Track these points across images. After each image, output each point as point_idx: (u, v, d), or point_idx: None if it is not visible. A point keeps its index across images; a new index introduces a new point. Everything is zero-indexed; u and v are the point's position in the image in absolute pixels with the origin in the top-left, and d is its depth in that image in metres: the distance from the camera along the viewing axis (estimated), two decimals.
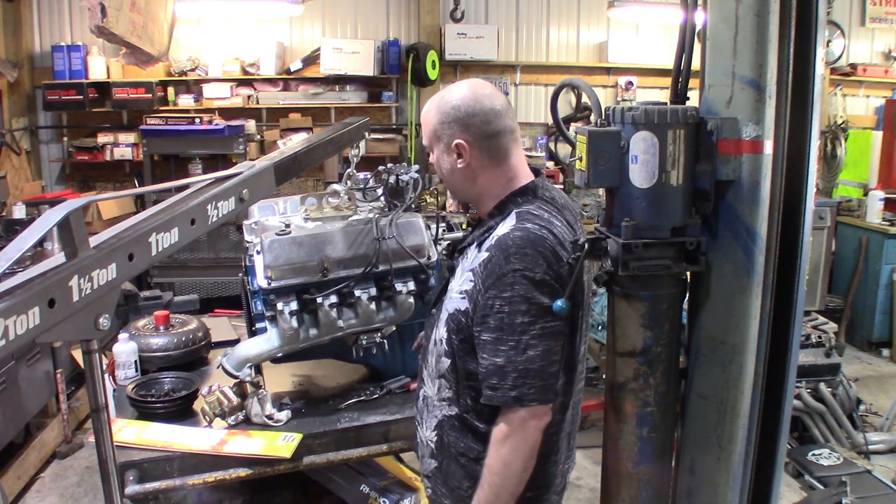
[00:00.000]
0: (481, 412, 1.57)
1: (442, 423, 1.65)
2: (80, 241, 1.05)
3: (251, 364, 2.10)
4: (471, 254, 1.61)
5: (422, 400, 1.73)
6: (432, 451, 1.69)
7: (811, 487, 3.39)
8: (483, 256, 1.52)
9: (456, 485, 1.64)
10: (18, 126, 5.59)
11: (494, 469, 1.51)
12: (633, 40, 6.52)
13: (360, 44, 5.94)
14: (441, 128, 1.58)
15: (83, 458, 3.70)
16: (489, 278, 1.48)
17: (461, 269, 1.62)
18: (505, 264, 1.46)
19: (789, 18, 1.39)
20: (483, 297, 1.49)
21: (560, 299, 1.43)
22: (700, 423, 1.56)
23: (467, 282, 1.56)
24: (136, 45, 3.84)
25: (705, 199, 1.48)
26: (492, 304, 1.47)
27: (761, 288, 1.44)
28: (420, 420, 1.75)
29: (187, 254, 5.03)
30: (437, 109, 1.60)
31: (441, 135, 1.59)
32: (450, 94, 1.60)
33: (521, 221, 1.51)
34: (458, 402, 1.61)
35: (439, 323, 1.64)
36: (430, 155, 1.66)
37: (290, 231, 2.13)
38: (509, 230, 1.50)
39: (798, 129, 1.43)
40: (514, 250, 1.46)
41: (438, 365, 1.63)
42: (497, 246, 1.49)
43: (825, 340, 3.93)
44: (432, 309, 1.75)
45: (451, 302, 1.60)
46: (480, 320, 1.50)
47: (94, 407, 1.21)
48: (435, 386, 1.65)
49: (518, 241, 1.47)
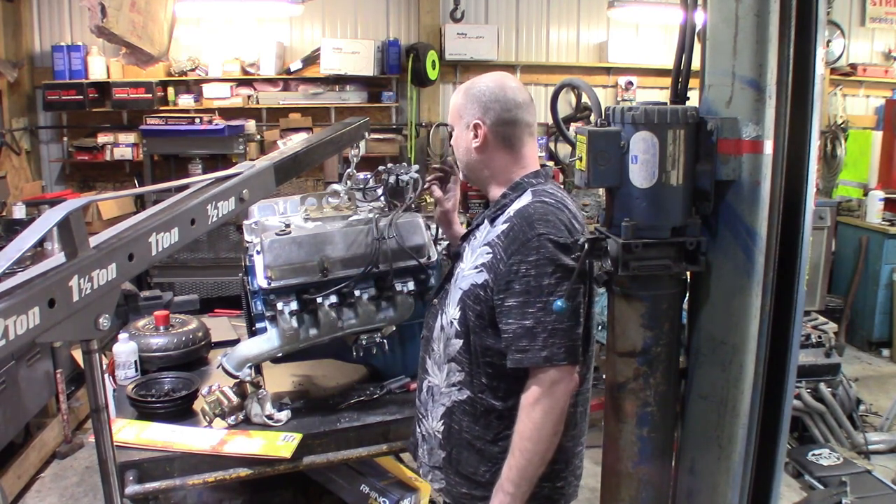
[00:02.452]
0: (497, 389, 1.61)
1: (451, 410, 1.67)
2: (80, 241, 1.05)
3: (251, 364, 2.10)
4: (481, 232, 1.68)
5: (426, 391, 1.75)
6: (440, 441, 1.71)
7: (811, 487, 3.40)
8: (502, 228, 1.60)
9: (471, 471, 1.66)
10: (18, 126, 5.59)
11: (526, 434, 1.53)
12: (633, 40, 6.52)
13: (360, 44, 5.94)
14: (464, 108, 1.71)
15: (83, 458, 3.71)
16: (511, 245, 1.56)
17: (470, 248, 1.69)
18: (529, 230, 1.54)
19: (789, 18, 1.38)
20: (506, 264, 1.55)
21: (560, 299, 1.45)
22: (700, 423, 1.56)
23: (482, 255, 1.62)
24: (136, 45, 3.84)
25: (705, 199, 1.47)
26: (516, 269, 1.53)
27: (761, 288, 1.44)
28: (424, 413, 1.76)
29: (187, 254, 5.03)
30: (465, 92, 1.72)
31: (463, 114, 1.71)
32: (480, 81, 1.73)
33: (537, 196, 1.61)
34: (471, 383, 1.64)
35: (446, 308, 1.69)
36: (450, 136, 1.79)
37: (290, 231, 2.13)
38: (528, 202, 1.60)
39: (798, 129, 1.43)
40: (538, 217, 1.56)
41: (447, 349, 1.67)
42: (518, 215, 1.58)
43: (825, 340, 3.93)
44: (434, 299, 1.80)
45: (464, 280, 1.65)
46: (504, 287, 1.55)
47: (94, 407, 1.21)
48: (443, 372, 1.68)
49: (540, 208, 1.58)
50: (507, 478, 1.55)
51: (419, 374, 1.81)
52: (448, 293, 1.72)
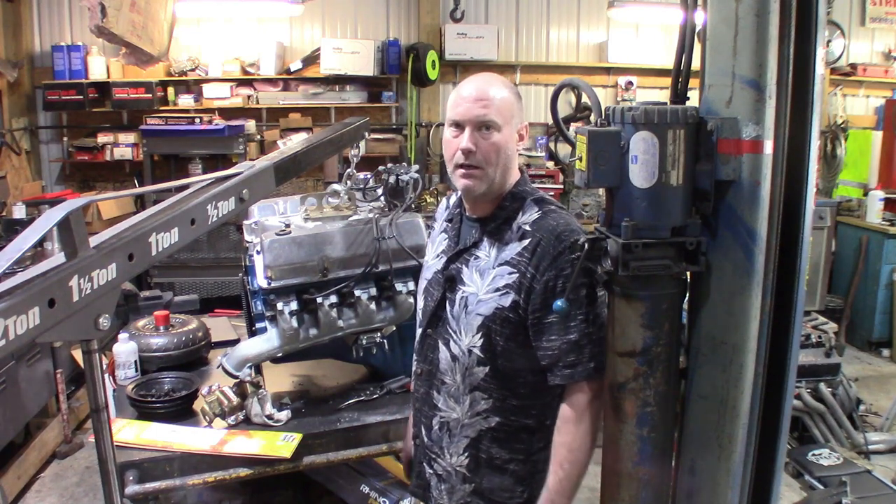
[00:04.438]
0: (531, 408, 1.59)
1: (478, 440, 1.61)
2: (80, 241, 1.05)
3: (251, 364, 2.10)
4: (485, 252, 1.60)
5: (437, 429, 1.67)
6: (464, 476, 1.64)
7: (811, 487, 3.39)
8: (522, 244, 1.55)
9: (507, 496, 1.62)
10: (18, 126, 5.59)
11: (576, 445, 1.53)
12: (633, 40, 6.52)
13: (360, 44, 5.94)
14: (516, 108, 1.60)
15: (83, 458, 3.71)
16: (542, 261, 1.52)
17: (475, 271, 1.60)
18: (558, 244, 1.52)
19: (789, 18, 1.38)
20: (539, 282, 1.52)
21: (560, 299, 1.44)
22: (700, 423, 1.56)
23: (503, 276, 1.56)
24: (136, 45, 3.84)
25: (705, 199, 1.47)
26: (553, 284, 1.51)
27: (761, 288, 1.44)
28: (438, 451, 1.68)
29: (187, 254, 5.03)
30: (511, 90, 1.61)
31: (515, 114, 1.60)
32: (506, 80, 1.64)
33: (544, 206, 1.59)
34: (500, 409, 1.59)
35: (457, 336, 1.61)
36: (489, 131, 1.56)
37: (290, 231, 2.13)
38: (541, 214, 1.57)
39: (798, 129, 1.43)
40: (562, 228, 1.54)
41: (468, 379, 1.60)
42: (541, 230, 1.55)
43: (825, 340, 3.93)
44: (427, 330, 1.69)
45: (483, 305, 1.57)
46: (541, 304, 1.52)
47: (94, 407, 1.21)
48: (464, 404, 1.61)
49: (560, 220, 1.56)
50: (558, 491, 1.54)
51: (422, 411, 1.72)
52: (447, 321, 1.63)
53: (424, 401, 1.70)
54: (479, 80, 1.60)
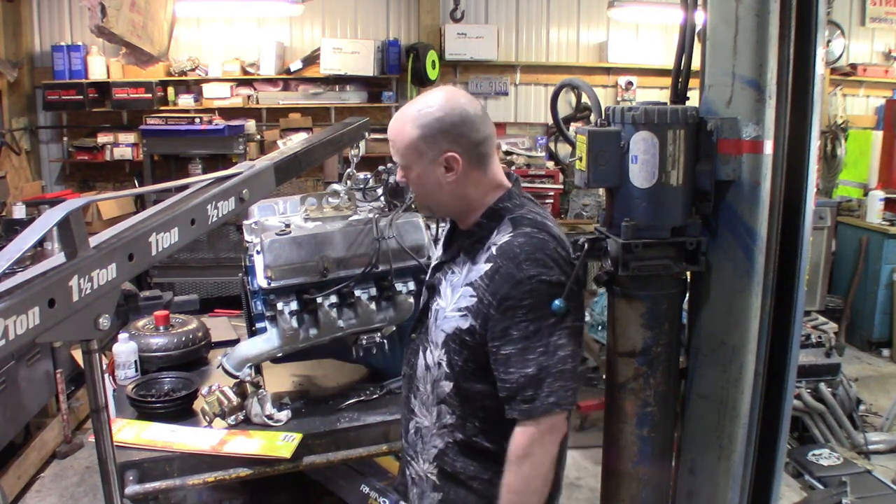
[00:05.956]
0: (492, 433, 1.52)
1: (444, 451, 1.57)
2: (80, 241, 1.05)
3: (251, 364, 2.10)
4: (459, 268, 1.55)
5: (413, 432, 1.64)
6: (434, 484, 1.60)
7: (811, 487, 3.39)
8: (485, 268, 1.47)
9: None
10: (18, 126, 5.59)
11: (514, 488, 1.45)
12: (633, 40, 6.52)
13: (360, 44, 5.94)
14: (423, 143, 1.47)
15: (83, 458, 3.71)
16: (500, 289, 1.43)
17: (449, 286, 1.55)
18: (517, 272, 1.41)
19: (789, 18, 1.38)
20: (497, 310, 1.43)
21: (559, 299, 1.42)
22: (700, 423, 1.56)
23: (465, 297, 1.49)
24: (136, 45, 3.84)
25: (705, 199, 1.47)
26: (511, 314, 1.42)
27: (761, 288, 1.44)
28: (413, 455, 1.65)
29: (187, 254, 5.03)
30: (415, 123, 1.47)
31: (423, 150, 1.47)
32: (426, 105, 1.48)
33: (518, 227, 1.48)
34: (463, 427, 1.54)
35: (431, 346, 1.57)
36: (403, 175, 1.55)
37: (290, 231, 2.13)
38: (510, 237, 1.46)
39: (798, 129, 1.43)
40: (525, 256, 1.42)
41: (437, 391, 1.56)
42: (503, 255, 1.44)
43: (825, 340, 3.93)
44: (412, 334, 1.67)
45: (446, 322, 1.52)
46: (500, 334, 1.43)
47: (94, 407, 1.21)
48: (433, 414, 1.57)
49: (525, 246, 1.44)
50: None
51: (403, 413, 1.70)
52: (429, 329, 1.58)
53: (405, 403, 1.68)
54: (395, 118, 1.53)
